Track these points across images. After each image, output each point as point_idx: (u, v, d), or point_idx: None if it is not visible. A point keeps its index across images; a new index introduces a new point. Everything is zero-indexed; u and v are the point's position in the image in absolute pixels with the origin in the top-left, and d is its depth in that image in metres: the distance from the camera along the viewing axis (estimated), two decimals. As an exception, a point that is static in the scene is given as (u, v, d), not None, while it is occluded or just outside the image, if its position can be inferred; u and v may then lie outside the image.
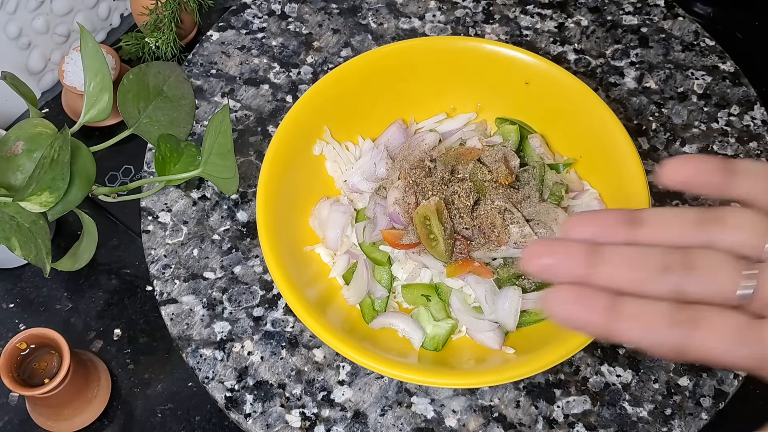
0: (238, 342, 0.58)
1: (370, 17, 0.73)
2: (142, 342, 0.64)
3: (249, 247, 0.62)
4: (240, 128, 0.67)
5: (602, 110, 0.56)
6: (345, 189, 0.61)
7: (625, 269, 0.30)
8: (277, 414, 0.55)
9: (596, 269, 0.30)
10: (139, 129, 0.64)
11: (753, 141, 0.66)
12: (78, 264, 0.60)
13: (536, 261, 0.30)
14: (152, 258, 0.61)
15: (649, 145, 0.66)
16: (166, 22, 0.72)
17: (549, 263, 0.30)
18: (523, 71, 0.59)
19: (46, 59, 0.74)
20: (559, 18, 0.73)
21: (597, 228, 0.31)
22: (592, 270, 0.30)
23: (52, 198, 0.53)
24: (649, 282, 0.29)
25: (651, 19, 0.73)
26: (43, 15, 0.71)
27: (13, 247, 0.53)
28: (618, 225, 0.31)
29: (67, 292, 0.66)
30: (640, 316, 0.29)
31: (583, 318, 0.29)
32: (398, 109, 0.63)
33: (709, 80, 0.69)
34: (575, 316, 0.29)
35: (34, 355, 0.57)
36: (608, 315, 0.29)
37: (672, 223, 0.31)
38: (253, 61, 0.70)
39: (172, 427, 0.60)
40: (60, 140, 0.53)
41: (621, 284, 0.30)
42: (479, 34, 0.72)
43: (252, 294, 0.60)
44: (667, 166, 0.31)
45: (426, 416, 0.55)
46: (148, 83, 0.66)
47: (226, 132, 0.56)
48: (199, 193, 0.64)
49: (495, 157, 0.57)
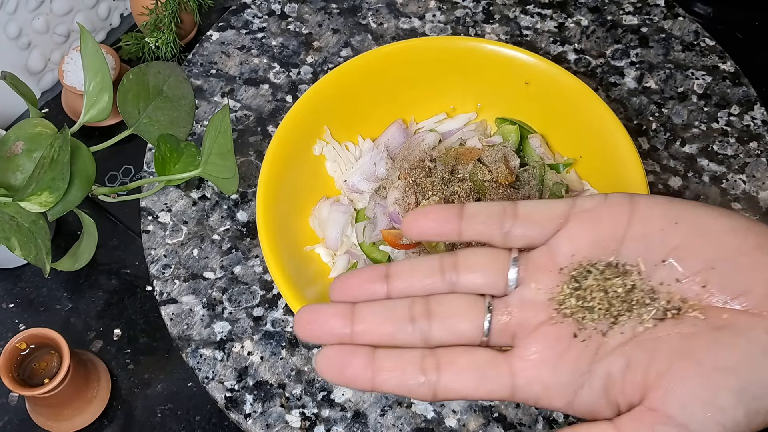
0: (238, 342, 0.58)
1: (370, 17, 0.73)
2: (142, 342, 0.64)
3: (249, 247, 0.62)
4: (240, 128, 0.67)
5: (602, 110, 0.56)
6: (345, 189, 0.61)
7: (377, 324, 0.32)
8: (277, 414, 0.55)
9: (354, 328, 0.32)
10: (139, 129, 0.64)
11: (753, 141, 0.66)
12: (78, 264, 0.60)
13: (303, 328, 0.32)
14: (152, 258, 0.61)
15: (649, 145, 0.66)
16: (166, 22, 0.72)
17: (313, 329, 0.32)
18: (523, 71, 0.59)
19: (46, 59, 0.74)
20: (559, 18, 0.73)
21: (355, 290, 0.33)
22: (351, 330, 0.32)
23: (51, 198, 0.53)
24: (399, 334, 0.32)
25: (651, 19, 0.73)
26: (43, 15, 0.71)
27: (13, 247, 0.53)
28: (374, 282, 0.33)
29: (67, 292, 0.66)
30: (394, 368, 0.31)
31: (347, 376, 0.31)
32: (398, 109, 0.63)
33: (710, 80, 0.69)
34: (341, 375, 0.31)
35: (34, 355, 0.57)
36: (368, 370, 0.31)
37: (418, 273, 0.33)
38: (253, 61, 0.70)
39: (172, 427, 0.60)
40: (60, 140, 0.53)
41: (376, 339, 0.32)
42: (479, 34, 0.72)
43: (252, 294, 0.60)
44: (404, 223, 0.34)
45: (426, 416, 0.55)
46: (148, 83, 0.66)
47: (226, 132, 0.56)
48: (199, 193, 0.64)
49: (495, 157, 0.57)
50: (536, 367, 0.31)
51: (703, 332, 0.30)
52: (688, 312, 0.30)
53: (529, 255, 0.33)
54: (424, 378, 0.31)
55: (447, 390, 0.31)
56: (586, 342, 0.31)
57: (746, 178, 0.65)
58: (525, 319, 0.32)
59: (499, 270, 0.32)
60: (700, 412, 0.29)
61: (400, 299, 0.32)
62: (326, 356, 0.32)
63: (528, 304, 0.32)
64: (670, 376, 0.29)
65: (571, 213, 0.32)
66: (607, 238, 0.32)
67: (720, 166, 0.65)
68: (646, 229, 0.31)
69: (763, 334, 0.29)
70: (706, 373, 0.29)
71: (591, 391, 0.31)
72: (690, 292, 0.31)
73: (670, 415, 0.29)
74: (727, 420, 0.29)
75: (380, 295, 0.33)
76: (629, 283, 0.31)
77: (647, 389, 0.30)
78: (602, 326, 0.31)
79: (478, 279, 0.32)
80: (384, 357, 0.31)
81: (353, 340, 0.32)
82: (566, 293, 0.31)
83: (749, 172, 0.65)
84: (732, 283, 0.30)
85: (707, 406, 0.29)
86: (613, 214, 0.32)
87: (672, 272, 0.31)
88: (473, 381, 0.31)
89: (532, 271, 0.32)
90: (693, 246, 0.31)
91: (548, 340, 0.31)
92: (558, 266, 0.32)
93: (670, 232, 0.31)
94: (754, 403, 0.29)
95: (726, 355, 0.29)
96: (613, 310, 0.31)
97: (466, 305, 0.32)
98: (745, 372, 0.29)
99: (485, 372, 0.31)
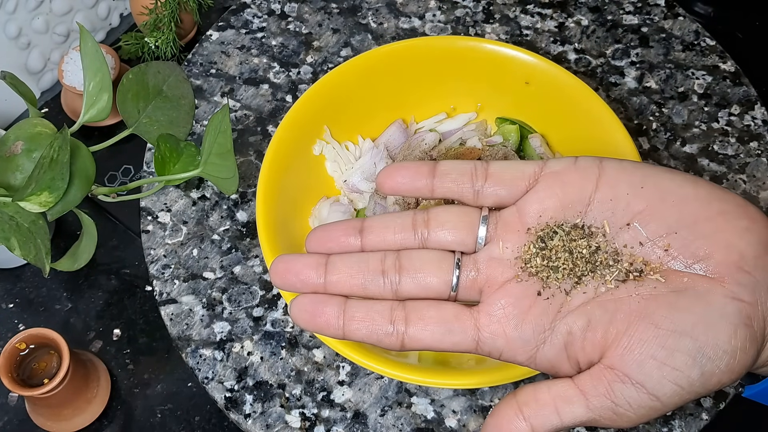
0: (238, 342, 0.58)
1: (370, 17, 0.73)
2: (141, 342, 0.64)
3: (249, 247, 0.62)
4: (240, 128, 0.67)
5: (603, 110, 0.56)
6: (345, 189, 0.60)
7: (349, 276, 0.33)
8: (277, 414, 0.55)
9: (327, 278, 0.33)
10: (138, 129, 0.64)
11: (753, 141, 0.66)
12: (77, 264, 0.60)
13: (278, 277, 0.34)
14: (152, 258, 0.61)
15: (649, 144, 0.66)
16: (165, 22, 0.72)
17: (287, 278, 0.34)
18: (523, 71, 0.59)
19: (45, 59, 0.74)
20: (560, 18, 0.73)
21: (330, 242, 0.34)
22: (324, 279, 0.33)
23: (51, 198, 0.53)
24: (369, 285, 0.33)
25: (651, 18, 0.73)
26: (43, 15, 0.71)
27: (12, 247, 0.53)
28: (348, 235, 0.34)
29: (66, 292, 0.66)
30: (365, 318, 0.33)
31: (320, 323, 0.33)
32: (398, 109, 0.63)
33: (710, 80, 0.69)
34: (313, 322, 0.33)
35: (34, 355, 0.57)
36: (339, 319, 0.32)
37: (392, 229, 0.34)
38: (253, 61, 0.70)
39: (171, 427, 0.60)
40: (59, 140, 0.53)
41: (348, 290, 0.33)
42: (479, 34, 0.72)
43: (252, 294, 0.60)
44: (379, 177, 0.35)
45: (426, 416, 0.55)
46: (148, 83, 0.66)
47: (226, 132, 0.56)
48: (199, 193, 0.64)
49: (495, 157, 0.57)
50: (500, 322, 0.32)
51: (662, 295, 0.31)
52: (649, 275, 0.31)
53: (499, 214, 0.34)
54: (393, 328, 0.32)
55: (414, 340, 0.32)
56: (550, 300, 0.32)
57: (746, 178, 0.64)
58: (492, 276, 0.33)
59: (468, 228, 0.33)
60: (656, 371, 0.30)
61: (372, 253, 0.34)
62: (300, 304, 0.33)
63: (495, 262, 0.33)
64: (629, 337, 0.30)
65: (541, 174, 0.33)
66: (575, 200, 0.33)
67: (720, 166, 0.65)
68: (612, 193, 0.32)
69: (720, 299, 0.30)
70: (663, 335, 0.30)
71: (552, 347, 0.32)
72: (652, 255, 0.32)
73: (627, 373, 0.30)
74: (683, 380, 0.30)
75: (354, 248, 0.34)
76: (594, 244, 0.32)
77: (606, 348, 0.31)
78: (566, 285, 0.32)
79: (448, 236, 0.33)
80: (355, 307, 0.33)
81: (326, 290, 0.33)
82: (532, 252, 0.32)
83: (749, 172, 0.65)
84: (693, 247, 0.31)
85: (663, 366, 0.30)
86: (581, 178, 0.33)
87: (636, 235, 0.32)
88: (439, 333, 0.32)
89: (501, 230, 0.33)
90: (657, 211, 0.32)
91: (513, 296, 0.32)
92: (526, 226, 0.33)
93: (635, 196, 0.32)
94: (709, 364, 0.30)
95: (683, 318, 0.30)
96: (577, 270, 0.32)
97: (435, 260, 0.33)
98: (701, 335, 0.30)
99: (451, 325, 0.32)
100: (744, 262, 0.31)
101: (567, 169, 0.33)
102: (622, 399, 0.30)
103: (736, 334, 0.30)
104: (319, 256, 0.34)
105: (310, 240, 0.35)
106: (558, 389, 0.32)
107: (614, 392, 0.30)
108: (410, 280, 0.33)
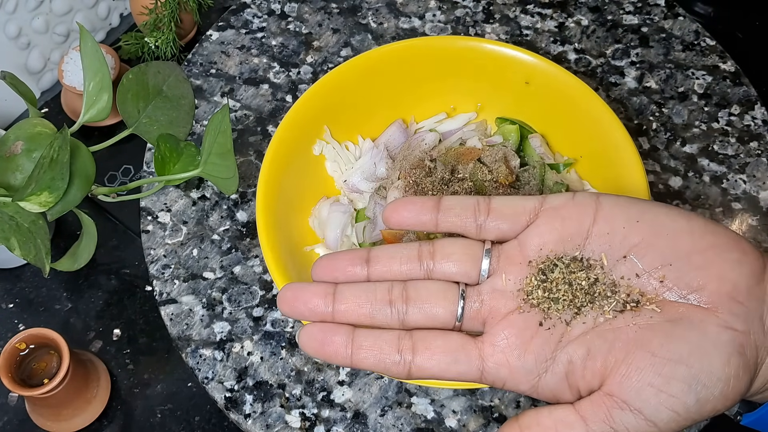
0: (238, 342, 0.58)
1: (370, 17, 0.73)
2: (141, 342, 0.64)
3: (249, 247, 0.62)
4: (240, 128, 0.67)
5: (603, 110, 0.56)
6: (345, 189, 0.60)
7: (357, 305, 0.34)
8: (277, 414, 0.55)
9: (335, 307, 0.34)
10: (138, 129, 0.64)
11: (753, 141, 0.66)
12: (77, 264, 0.60)
13: (287, 305, 0.34)
14: (152, 258, 0.61)
15: (649, 144, 0.66)
16: (165, 22, 0.72)
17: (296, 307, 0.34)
18: (523, 71, 0.59)
19: (45, 59, 0.74)
20: (560, 17, 0.73)
21: (336, 271, 0.35)
22: (333, 308, 0.34)
23: (51, 198, 0.53)
24: (377, 315, 0.34)
25: (651, 18, 0.73)
26: (43, 15, 0.71)
27: (12, 247, 0.53)
28: (355, 264, 0.35)
29: (66, 292, 0.66)
30: (373, 347, 0.33)
31: (329, 352, 0.33)
32: (398, 109, 0.63)
33: (710, 80, 0.69)
34: (322, 351, 0.33)
35: (34, 355, 0.57)
36: (348, 348, 0.33)
37: (398, 259, 0.35)
38: (253, 61, 0.70)
39: (171, 427, 0.60)
40: (59, 140, 0.53)
41: (356, 319, 0.34)
42: (479, 34, 0.72)
43: (252, 294, 0.60)
44: (385, 212, 0.36)
45: (426, 416, 0.55)
46: (148, 83, 0.66)
47: (226, 132, 0.56)
48: (199, 193, 0.64)
49: (495, 157, 0.57)
50: (504, 352, 0.33)
51: (658, 324, 0.32)
52: (645, 305, 0.33)
53: (502, 247, 0.35)
54: (400, 357, 0.33)
55: (421, 369, 0.33)
56: (551, 330, 0.33)
57: (747, 178, 0.64)
58: (495, 307, 0.34)
59: (472, 260, 0.34)
60: (653, 398, 0.31)
61: (380, 283, 0.34)
62: (309, 332, 0.34)
63: (498, 293, 0.34)
64: (627, 365, 0.31)
65: (541, 209, 0.35)
66: (573, 234, 0.34)
67: (720, 165, 0.65)
68: (609, 227, 0.33)
69: (714, 328, 0.32)
70: (659, 363, 0.31)
71: (554, 376, 0.33)
72: (648, 287, 0.33)
73: (626, 400, 0.31)
74: (679, 407, 0.31)
75: (360, 278, 0.35)
76: (592, 276, 0.33)
77: (605, 376, 0.32)
78: (566, 316, 0.33)
79: (453, 267, 0.34)
80: (363, 336, 0.33)
81: (334, 319, 0.34)
82: (534, 284, 0.33)
83: (750, 172, 0.65)
84: (687, 279, 0.32)
85: (660, 393, 0.31)
86: (580, 212, 0.34)
87: (632, 267, 0.33)
88: (445, 362, 0.33)
89: (504, 263, 0.34)
90: (652, 243, 0.33)
91: (516, 327, 0.33)
92: (527, 259, 0.34)
93: (631, 229, 0.33)
94: (704, 391, 0.31)
95: (679, 346, 0.31)
96: (577, 302, 0.33)
97: (441, 291, 0.34)
98: (696, 363, 0.31)
99: (457, 355, 0.33)
100: (737, 292, 0.32)
101: (566, 204, 0.34)
102: (621, 425, 0.31)
103: (730, 362, 0.31)
104: (326, 285, 0.34)
105: (317, 268, 0.35)
106: (559, 414, 0.32)
107: (613, 418, 0.31)
108: (417, 310, 0.34)
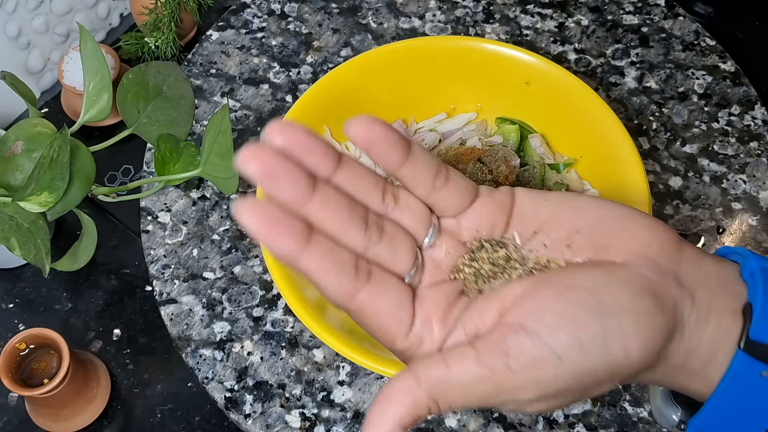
0: (238, 342, 0.58)
1: (370, 17, 0.73)
2: (141, 342, 0.64)
3: (249, 247, 0.62)
4: (240, 128, 0.67)
5: (603, 110, 0.56)
6: (345, 189, 0.60)
7: (331, 211, 0.30)
8: (277, 414, 0.55)
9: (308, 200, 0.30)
10: (138, 129, 0.64)
11: (753, 141, 0.66)
12: (77, 264, 0.60)
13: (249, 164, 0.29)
14: (152, 258, 0.61)
15: (649, 144, 0.66)
16: (165, 22, 0.72)
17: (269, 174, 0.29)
18: (523, 71, 0.59)
19: (45, 59, 0.74)
20: (560, 17, 0.73)
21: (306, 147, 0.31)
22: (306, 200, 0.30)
23: (51, 198, 0.53)
24: (346, 231, 0.31)
25: (651, 18, 0.73)
26: (43, 15, 0.71)
27: (12, 247, 0.53)
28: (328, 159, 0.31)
29: (66, 293, 0.66)
30: (326, 254, 0.30)
31: (278, 233, 0.29)
32: (398, 109, 0.63)
33: (710, 80, 0.69)
34: (267, 229, 0.29)
35: (34, 355, 0.57)
36: (301, 243, 0.29)
37: (365, 180, 0.33)
38: (253, 61, 0.70)
39: (171, 427, 0.60)
40: (59, 140, 0.53)
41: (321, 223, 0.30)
42: (479, 34, 0.72)
43: (252, 294, 0.60)
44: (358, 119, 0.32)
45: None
46: (148, 83, 0.66)
47: (226, 132, 0.56)
48: (199, 193, 0.64)
49: (495, 157, 0.57)
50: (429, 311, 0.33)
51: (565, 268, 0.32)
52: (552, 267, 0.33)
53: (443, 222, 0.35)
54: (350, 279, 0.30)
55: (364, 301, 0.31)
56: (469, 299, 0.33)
57: (747, 178, 0.64)
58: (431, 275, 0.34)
59: (423, 223, 0.34)
60: (551, 319, 0.29)
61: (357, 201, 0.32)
62: (258, 205, 0.29)
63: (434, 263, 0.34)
64: (526, 296, 0.31)
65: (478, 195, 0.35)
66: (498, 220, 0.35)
67: (720, 165, 0.65)
68: (521, 210, 0.35)
69: (623, 272, 0.31)
70: (561, 290, 0.30)
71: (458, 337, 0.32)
72: (556, 253, 0.33)
73: (522, 323, 0.29)
74: (582, 334, 0.29)
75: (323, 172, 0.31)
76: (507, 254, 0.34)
77: (504, 311, 0.31)
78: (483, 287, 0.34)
79: (408, 221, 0.33)
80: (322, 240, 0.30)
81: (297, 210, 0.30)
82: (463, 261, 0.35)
83: (750, 172, 0.65)
84: (596, 240, 0.32)
85: (560, 317, 0.29)
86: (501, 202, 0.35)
87: (541, 239, 0.34)
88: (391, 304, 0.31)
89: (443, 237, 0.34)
90: (560, 217, 0.34)
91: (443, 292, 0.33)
92: (462, 239, 0.35)
93: (540, 208, 0.34)
94: (611, 321, 0.29)
95: (584, 281, 0.30)
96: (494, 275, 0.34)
97: (408, 242, 0.33)
98: (603, 293, 0.30)
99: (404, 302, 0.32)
100: (649, 251, 0.31)
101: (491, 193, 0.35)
102: (516, 349, 0.29)
103: (642, 297, 0.30)
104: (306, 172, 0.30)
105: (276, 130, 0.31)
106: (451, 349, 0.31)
107: (506, 342, 0.29)
108: (386, 247, 0.32)
